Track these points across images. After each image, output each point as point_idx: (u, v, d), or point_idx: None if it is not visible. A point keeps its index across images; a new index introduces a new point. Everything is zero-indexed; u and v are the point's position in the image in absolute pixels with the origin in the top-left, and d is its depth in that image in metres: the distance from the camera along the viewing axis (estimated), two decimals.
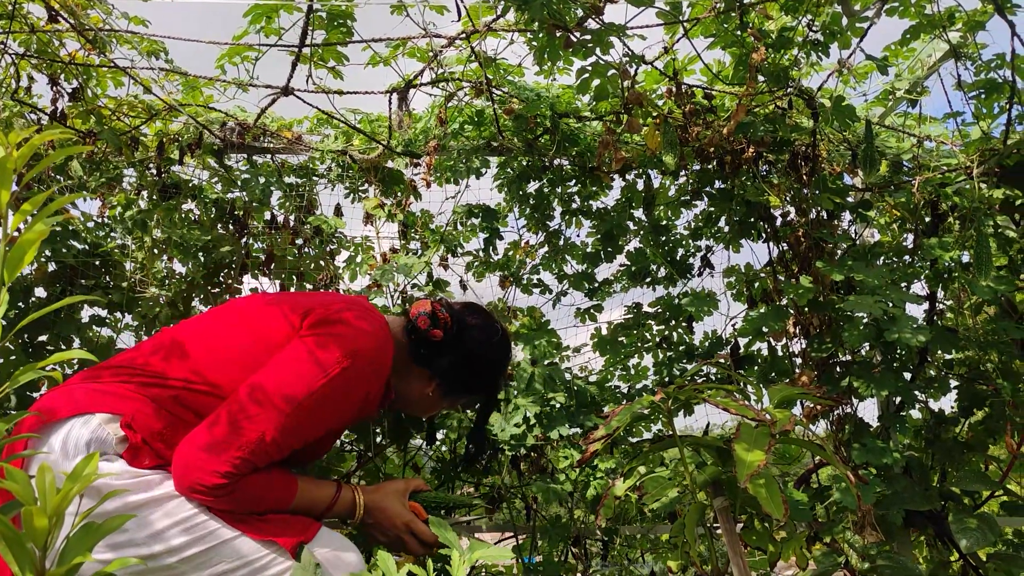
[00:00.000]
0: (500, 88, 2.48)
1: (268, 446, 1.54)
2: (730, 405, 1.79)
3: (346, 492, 1.75)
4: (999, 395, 2.59)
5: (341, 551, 1.62)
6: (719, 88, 2.44)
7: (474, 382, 1.93)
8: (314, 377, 1.57)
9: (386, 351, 1.69)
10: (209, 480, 1.50)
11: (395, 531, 1.78)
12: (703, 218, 2.92)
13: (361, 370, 1.62)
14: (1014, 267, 2.68)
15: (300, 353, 1.60)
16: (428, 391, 1.88)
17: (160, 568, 1.48)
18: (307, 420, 1.58)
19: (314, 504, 1.69)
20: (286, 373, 1.58)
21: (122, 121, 2.64)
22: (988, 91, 2.25)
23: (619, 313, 2.97)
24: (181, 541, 1.49)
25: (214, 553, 1.50)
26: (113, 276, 2.70)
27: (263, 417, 1.54)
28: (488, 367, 1.93)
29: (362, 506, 1.76)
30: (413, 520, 1.80)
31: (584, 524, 2.74)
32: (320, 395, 1.57)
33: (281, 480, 1.63)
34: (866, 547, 2.43)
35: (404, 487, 1.85)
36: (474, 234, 2.99)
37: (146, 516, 1.49)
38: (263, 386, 1.57)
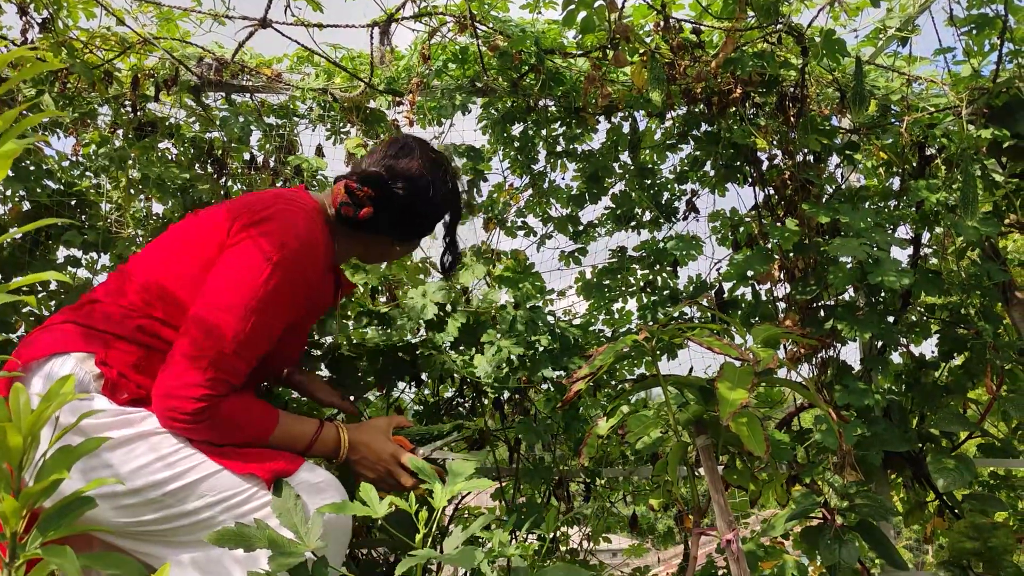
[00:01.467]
0: (485, 24, 2.42)
1: (231, 359, 1.55)
2: (714, 344, 1.79)
3: (329, 428, 1.75)
4: (980, 338, 2.61)
5: (322, 483, 1.62)
6: (708, 23, 2.39)
7: (427, 223, 1.92)
8: (252, 279, 1.57)
9: (316, 237, 1.68)
10: (186, 405, 1.52)
11: (383, 464, 1.77)
12: (689, 161, 2.90)
13: (295, 260, 1.61)
14: (999, 212, 2.68)
15: (233, 260, 1.60)
16: (388, 247, 1.92)
17: (146, 502, 1.49)
18: (260, 322, 1.57)
19: (295, 438, 1.69)
20: (226, 284, 1.58)
21: (95, 55, 2.56)
22: (980, 26, 2.22)
23: (604, 257, 2.95)
24: (164, 475, 1.50)
25: (197, 486, 1.52)
26: (89, 216, 2.65)
27: (218, 333, 1.54)
28: (433, 208, 1.89)
29: (346, 442, 1.76)
30: (399, 451, 1.79)
31: (567, 467, 2.75)
32: (263, 294, 1.57)
33: (261, 409, 1.64)
34: (845, 487, 2.46)
35: (387, 423, 1.84)
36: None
37: (130, 451, 1.51)
38: (209, 303, 1.57)
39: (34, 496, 0.87)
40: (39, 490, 0.87)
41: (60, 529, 0.90)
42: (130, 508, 1.49)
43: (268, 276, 1.57)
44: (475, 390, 2.71)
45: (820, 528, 2.45)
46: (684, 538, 2.99)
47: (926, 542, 2.89)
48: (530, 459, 2.68)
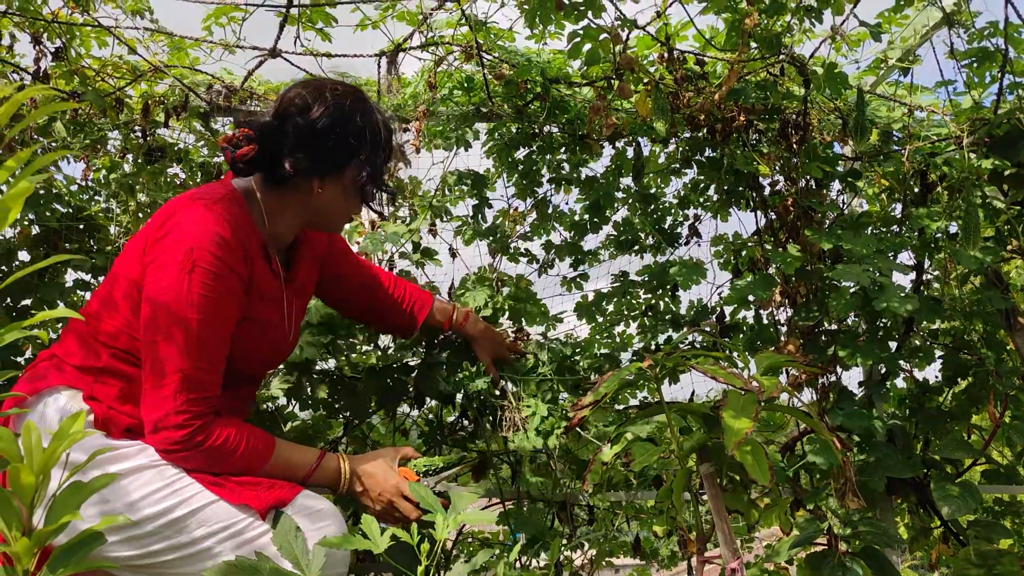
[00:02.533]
0: (490, 53, 2.46)
1: (195, 373, 1.54)
2: (718, 373, 1.80)
3: (330, 460, 1.72)
4: (983, 365, 2.61)
5: (322, 511, 1.60)
6: (711, 55, 2.42)
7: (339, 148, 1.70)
8: (177, 294, 1.53)
9: (223, 226, 1.59)
10: (174, 435, 1.52)
11: (387, 495, 1.74)
12: (692, 186, 2.92)
13: (209, 257, 1.55)
14: (1000, 238, 2.69)
15: (153, 283, 1.56)
16: (321, 196, 1.73)
17: (145, 534, 1.50)
18: (204, 329, 1.55)
19: (294, 467, 1.67)
20: (157, 307, 1.55)
21: (106, 82, 2.60)
22: (980, 60, 2.24)
23: (606, 283, 2.97)
24: (161, 507, 1.51)
25: (193, 516, 1.52)
26: (97, 240, 2.68)
27: (170, 356, 1.53)
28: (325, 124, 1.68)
29: (347, 473, 1.73)
30: (403, 483, 1.75)
31: (570, 490, 2.75)
32: (194, 302, 1.53)
33: (257, 435, 1.63)
34: (848, 513, 2.46)
35: (393, 454, 1.82)
36: (462, 198, 2.98)
37: (125, 487, 1.51)
38: (150, 329, 1.55)
39: (46, 535, 0.88)
40: (51, 529, 0.89)
41: (70, 566, 0.91)
42: (132, 541, 1.50)
43: (189, 284, 1.53)
44: (478, 412, 2.72)
45: (824, 554, 2.45)
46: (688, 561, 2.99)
47: (932, 568, 2.89)
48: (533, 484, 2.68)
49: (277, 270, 1.75)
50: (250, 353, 1.73)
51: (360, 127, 1.73)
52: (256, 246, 1.68)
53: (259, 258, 1.69)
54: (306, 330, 2.46)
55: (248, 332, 1.69)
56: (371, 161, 1.75)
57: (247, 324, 1.68)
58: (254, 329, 1.71)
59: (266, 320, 1.74)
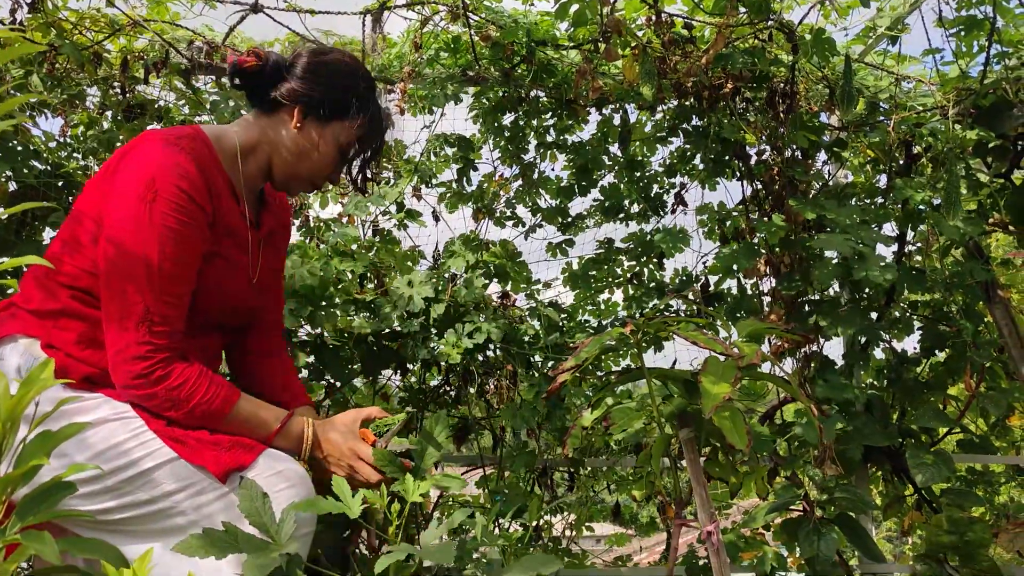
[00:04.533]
0: (477, 13, 2.42)
1: (157, 305, 1.49)
2: (698, 338, 1.80)
3: (295, 422, 1.67)
4: (961, 336, 2.63)
5: (282, 475, 1.55)
6: (700, 19, 2.39)
7: (337, 91, 1.70)
8: (139, 223, 1.49)
9: (183, 158, 1.55)
10: (135, 367, 1.48)
11: (345, 460, 1.69)
12: (678, 155, 2.91)
13: (174, 187, 1.51)
14: (983, 211, 2.70)
15: (115, 211, 1.51)
16: (298, 125, 1.69)
17: (104, 490, 1.47)
18: (166, 256, 1.50)
19: (257, 422, 1.62)
20: (118, 235, 1.50)
21: (84, 36, 2.54)
22: (968, 28, 2.23)
23: (591, 248, 2.96)
24: (120, 463, 1.47)
25: (152, 474, 1.48)
26: (76, 197, 2.63)
27: (132, 285, 1.49)
28: (338, 71, 1.71)
29: (310, 438, 1.68)
30: (360, 445, 1.70)
31: (551, 455, 2.77)
32: (156, 230, 1.49)
33: (220, 382, 1.57)
34: (825, 480, 2.49)
35: (354, 417, 1.75)
36: (447, 164, 2.95)
37: (87, 439, 1.48)
38: (111, 260, 1.50)
39: (14, 482, 0.88)
40: (19, 475, 0.88)
41: (39, 515, 0.91)
42: (92, 496, 1.46)
43: (151, 215, 1.49)
44: (461, 379, 2.73)
45: (800, 520, 2.48)
46: (667, 527, 3.02)
47: (904, 535, 2.93)
48: (514, 446, 2.70)
49: (245, 211, 1.71)
50: (218, 293, 1.68)
51: (362, 94, 1.73)
52: (222, 183, 1.64)
53: (226, 196, 1.65)
54: (289, 299, 2.44)
55: (216, 270, 1.65)
56: (362, 135, 1.75)
57: (216, 261, 1.64)
58: (221, 267, 1.66)
59: (235, 260, 1.70)
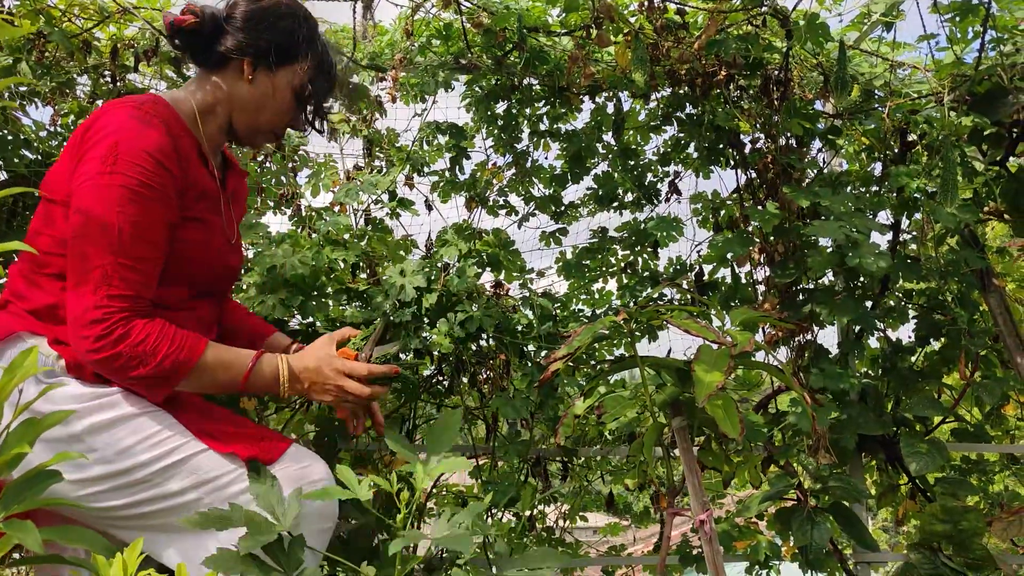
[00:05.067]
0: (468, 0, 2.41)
1: (118, 269, 1.46)
2: (691, 326, 1.80)
3: (267, 360, 1.61)
4: (956, 325, 2.63)
5: (308, 468, 1.58)
6: (692, 4, 2.38)
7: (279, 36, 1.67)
8: (99, 186, 1.46)
9: (148, 122, 1.53)
10: (92, 331, 1.44)
11: (331, 382, 1.64)
12: (672, 143, 2.89)
13: (137, 150, 1.49)
14: (978, 199, 2.70)
15: (79, 179, 1.49)
16: (249, 77, 1.67)
17: (133, 483, 1.48)
18: (130, 220, 1.46)
19: (227, 367, 1.57)
20: (83, 202, 1.47)
21: (74, 23, 2.52)
22: (963, 13, 2.22)
23: (585, 238, 2.95)
24: (149, 455, 1.48)
25: (182, 466, 1.50)
26: None
27: (93, 249, 1.46)
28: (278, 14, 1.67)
29: (286, 373, 1.62)
30: (343, 362, 1.64)
31: (544, 445, 2.77)
32: (118, 193, 1.46)
33: (184, 334, 1.53)
34: (819, 469, 2.49)
35: (328, 339, 1.70)
36: (440, 154, 2.94)
37: (114, 433, 1.49)
38: (76, 226, 1.48)
39: None
40: (2, 463, 0.87)
41: (24, 503, 0.90)
42: (120, 490, 1.48)
43: (111, 179, 1.46)
44: (453, 368, 2.72)
45: (794, 509, 2.49)
46: (661, 517, 3.03)
47: (898, 524, 2.94)
48: (507, 436, 2.69)
49: (213, 171, 1.69)
50: (202, 257, 1.66)
51: (306, 35, 1.70)
52: (189, 146, 1.62)
53: (194, 158, 1.63)
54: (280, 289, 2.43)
55: (196, 232, 1.63)
56: (314, 76, 1.72)
57: (193, 225, 1.62)
58: (201, 229, 1.65)
59: (211, 222, 1.68)
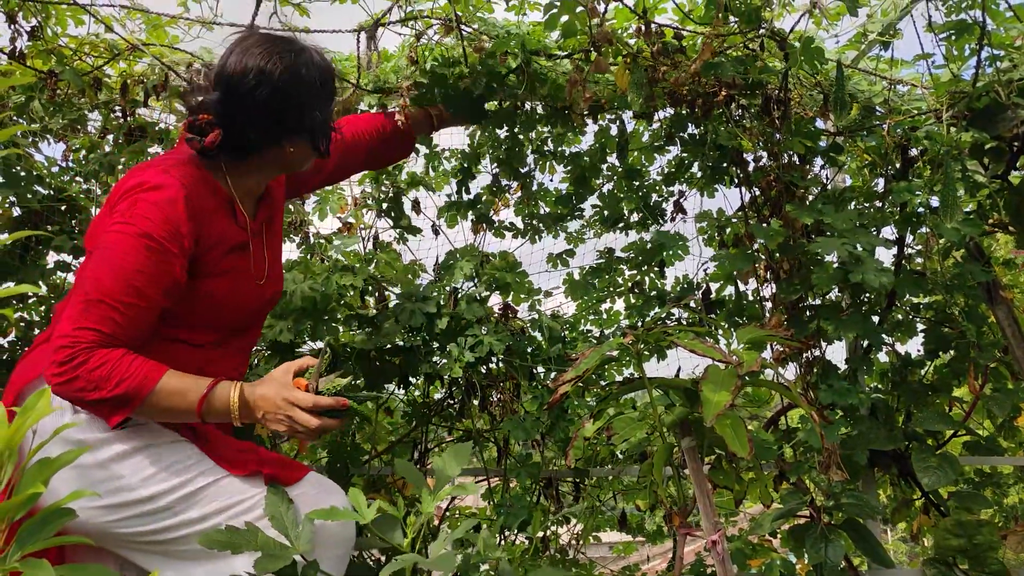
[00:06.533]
0: (469, 25, 2.44)
1: (96, 307, 1.50)
2: (697, 347, 1.81)
3: (221, 387, 1.59)
4: (964, 338, 2.63)
5: (325, 496, 1.62)
6: (690, 28, 2.40)
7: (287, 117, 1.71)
8: (114, 242, 1.54)
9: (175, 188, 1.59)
10: (56, 356, 1.48)
11: (282, 412, 1.60)
12: (676, 163, 2.91)
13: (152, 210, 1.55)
14: (982, 211, 2.70)
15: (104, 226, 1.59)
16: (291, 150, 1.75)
17: (157, 510, 1.54)
18: (121, 265, 1.52)
19: (182, 396, 1.55)
20: (93, 247, 1.60)
21: (84, 61, 2.57)
22: (959, 32, 2.24)
23: (592, 258, 2.97)
24: (173, 482, 1.55)
25: (203, 492, 1.56)
26: (79, 221, 2.67)
27: (84, 288, 1.52)
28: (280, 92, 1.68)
29: (235, 401, 1.59)
30: (294, 393, 1.60)
31: (556, 466, 2.78)
32: (123, 244, 1.53)
33: (142, 363, 1.53)
34: (831, 486, 2.49)
35: (286, 368, 1.66)
36: (446, 180, 2.97)
37: (137, 462, 1.55)
38: (83, 270, 1.59)
39: (12, 510, 0.89)
40: (17, 503, 0.89)
41: (38, 542, 0.92)
42: (144, 516, 1.54)
43: (123, 225, 1.54)
44: (464, 392, 2.73)
45: (807, 526, 2.48)
46: (674, 535, 3.02)
47: (913, 539, 2.92)
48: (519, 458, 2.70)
49: (243, 222, 1.74)
50: (233, 304, 1.72)
51: (304, 83, 1.72)
52: (218, 203, 1.68)
53: (222, 215, 1.68)
54: (289, 315, 2.46)
55: (224, 284, 1.68)
56: (320, 108, 1.76)
57: (221, 278, 1.68)
58: (229, 280, 1.70)
59: (241, 269, 1.74)
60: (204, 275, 1.65)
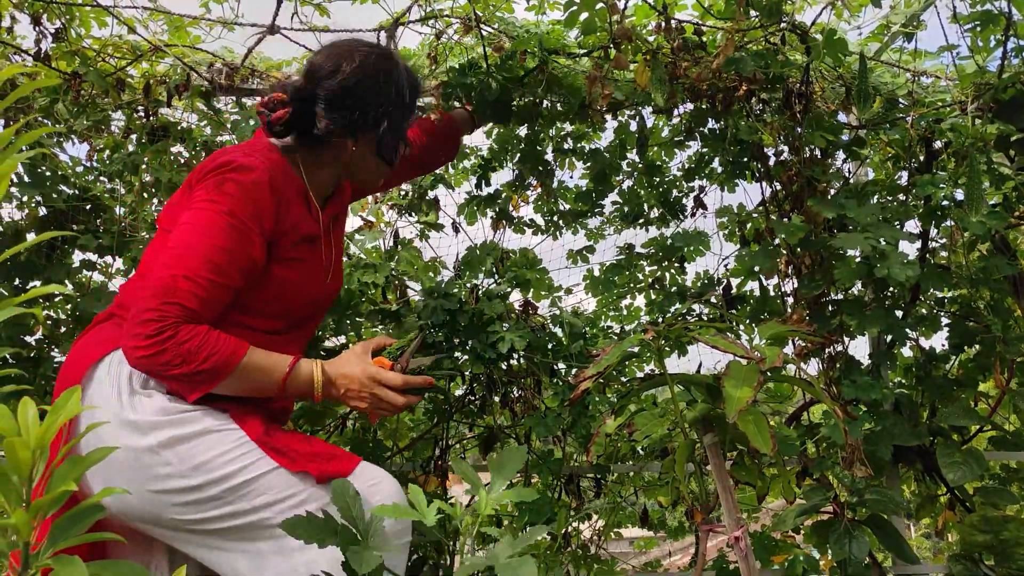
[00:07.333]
0: (489, 24, 2.44)
1: (180, 282, 1.53)
2: (719, 343, 1.81)
3: (303, 365, 1.66)
4: (990, 332, 2.60)
5: (378, 486, 1.61)
6: (711, 23, 2.39)
7: (368, 108, 1.76)
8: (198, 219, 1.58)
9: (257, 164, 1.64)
10: (140, 329, 1.50)
11: (367, 390, 1.68)
12: (696, 158, 2.90)
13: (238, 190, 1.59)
14: (1008, 204, 2.66)
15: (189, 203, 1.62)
16: (353, 148, 1.79)
17: (206, 499, 1.53)
18: (207, 244, 1.56)
19: (267, 372, 1.62)
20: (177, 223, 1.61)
21: (107, 62, 2.60)
22: (984, 23, 2.21)
23: (612, 255, 2.96)
24: (224, 472, 1.53)
25: (255, 483, 1.54)
26: (104, 220, 2.70)
27: (168, 264, 1.55)
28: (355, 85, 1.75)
29: (319, 377, 1.66)
30: (380, 372, 1.68)
31: (577, 462, 2.77)
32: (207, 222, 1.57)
33: (227, 340, 1.58)
34: (855, 482, 2.47)
35: (363, 348, 1.75)
36: (465, 176, 2.98)
37: (189, 449, 1.54)
38: (167, 240, 1.61)
39: (44, 507, 0.90)
40: (49, 501, 0.91)
41: (70, 539, 0.93)
42: (194, 504, 1.53)
43: (209, 203, 1.59)
44: (485, 388, 2.74)
45: (831, 523, 2.46)
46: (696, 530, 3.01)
47: (938, 535, 2.90)
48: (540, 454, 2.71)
49: (316, 215, 1.79)
50: (301, 293, 1.76)
51: (385, 86, 1.78)
52: (295, 192, 1.72)
53: (297, 203, 1.73)
54: None
55: (294, 273, 1.73)
56: (395, 117, 1.81)
57: (292, 265, 1.72)
58: (299, 270, 1.74)
59: (310, 260, 1.78)
60: (277, 260, 1.69)
